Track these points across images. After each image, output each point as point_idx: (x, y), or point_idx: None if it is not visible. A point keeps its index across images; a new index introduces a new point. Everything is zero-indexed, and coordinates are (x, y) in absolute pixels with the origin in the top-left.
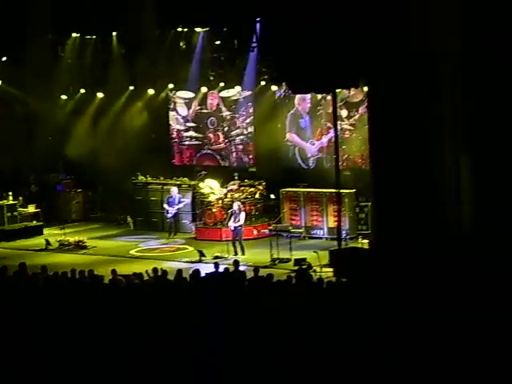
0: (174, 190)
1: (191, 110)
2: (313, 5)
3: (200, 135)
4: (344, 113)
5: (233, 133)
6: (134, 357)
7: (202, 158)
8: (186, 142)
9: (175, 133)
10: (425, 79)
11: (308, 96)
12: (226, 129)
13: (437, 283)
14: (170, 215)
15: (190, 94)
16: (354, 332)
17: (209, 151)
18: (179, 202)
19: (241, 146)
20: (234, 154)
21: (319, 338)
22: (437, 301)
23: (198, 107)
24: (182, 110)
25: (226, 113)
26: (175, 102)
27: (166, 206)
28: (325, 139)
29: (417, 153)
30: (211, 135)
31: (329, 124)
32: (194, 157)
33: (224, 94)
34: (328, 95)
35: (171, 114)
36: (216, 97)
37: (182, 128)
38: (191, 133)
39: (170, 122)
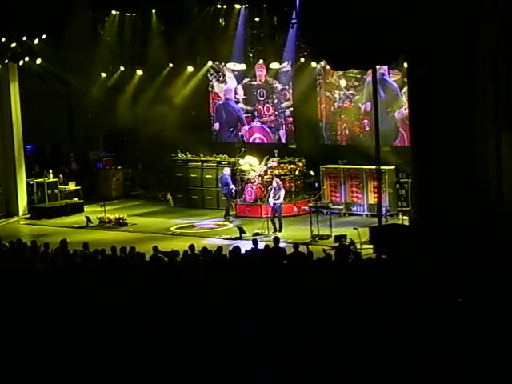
0: (227, 170)
1: (240, 82)
2: None
3: (250, 107)
4: (343, 83)
5: (283, 105)
6: (174, 332)
7: (252, 130)
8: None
9: None
10: (466, 55)
11: None
12: (275, 101)
13: (477, 259)
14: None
15: (240, 66)
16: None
17: (259, 123)
18: (227, 183)
19: (291, 118)
20: (284, 127)
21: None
22: (477, 277)
23: (247, 79)
24: (232, 82)
25: (275, 85)
26: (224, 74)
27: (232, 186)
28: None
29: (457, 129)
30: (261, 107)
31: (328, 93)
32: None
33: (274, 65)
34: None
35: (221, 85)
36: (265, 68)
37: (234, 100)
38: (241, 105)
39: (220, 94)
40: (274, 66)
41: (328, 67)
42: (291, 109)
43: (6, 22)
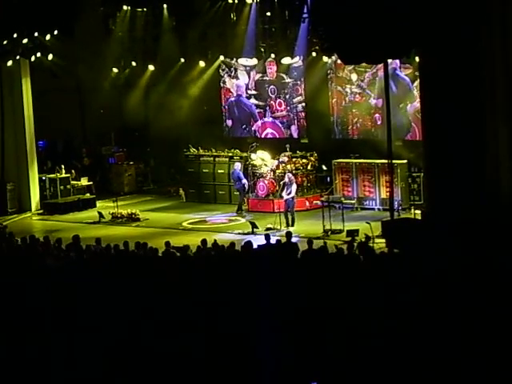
0: (238, 165)
1: (252, 78)
2: None
3: (262, 103)
4: (354, 77)
5: (295, 100)
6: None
7: (264, 125)
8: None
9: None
10: (478, 49)
11: None
12: (287, 96)
13: (490, 253)
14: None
15: (251, 62)
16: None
17: (271, 119)
18: (239, 178)
19: (303, 114)
20: (296, 122)
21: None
22: (491, 270)
23: (259, 75)
24: (244, 78)
25: (287, 80)
26: (236, 69)
27: (244, 180)
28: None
29: (469, 123)
30: (273, 102)
31: (339, 88)
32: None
33: (286, 61)
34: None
35: (232, 81)
36: (276, 64)
37: (245, 95)
38: (253, 100)
39: (232, 90)
40: (286, 61)
41: (339, 61)
42: (303, 104)
43: (18, 18)
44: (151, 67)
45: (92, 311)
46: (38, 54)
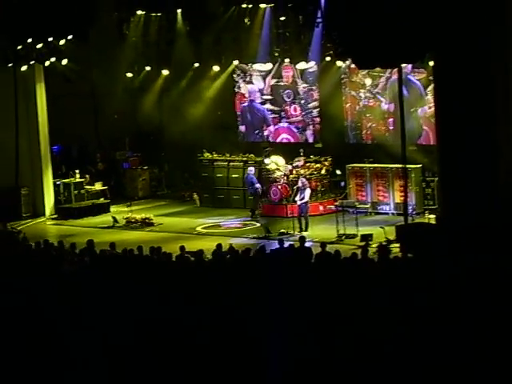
0: (251, 169)
1: (267, 83)
2: None
3: (277, 108)
4: (368, 81)
5: (310, 105)
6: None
7: (279, 131)
8: None
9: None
10: (493, 54)
11: None
12: (302, 101)
13: (504, 258)
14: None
15: (266, 67)
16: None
17: (286, 124)
18: (252, 183)
19: (318, 119)
20: (312, 127)
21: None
22: (505, 275)
23: (274, 80)
24: (258, 83)
25: (302, 85)
26: (251, 75)
27: (258, 185)
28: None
29: (483, 127)
30: (288, 108)
31: (353, 92)
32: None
33: (300, 66)
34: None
35: (247, 86)
36: (292, 69)
37: (259, 101)
38: (268, 105)
39: (246, 95)
40: (301, 65)
41: (353, 66)
42: (318, 109)
43: (32, 22)
44: (165, 72)
45: (105, 315)
46: (53, 59)
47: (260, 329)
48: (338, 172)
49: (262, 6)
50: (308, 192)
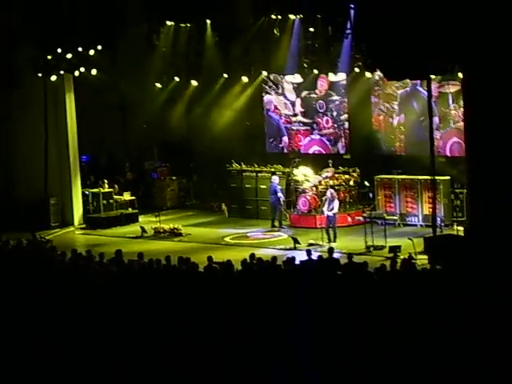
0: (275, 178)
1: (299, 96)
2: None
3: (309, 120)
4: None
5: (342, 117)
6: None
7: (311, 143)
8: (295, 128)
9: (283, 118)
10: None
11: None
12: (334, 113)
13: None
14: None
15: (298, 78)
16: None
17: (318, 136)
18: (275, 192)
19: (348, 131)
20: (343, 139)
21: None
22: None
23: (306, 92)
24: (291, 95)
25: (334, 97)
26: (283, 87)
27: (280, 194)
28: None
29: None
30: (320, 119)
31: (386, 104)
32: (303, 142)
33: (333, 77)
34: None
35: (279, 98)
36: (326, 80)
37: (290, 113)
38: (299, 117)
39: (278, 107)
40: (332, 77)
41: None
42: (348, 122)
43: (62, 33)
44: (194, 82)
45: (134, 324)
46: (82, 69)
47: (289, 339)
48: (367, 183)
49: (292, 17)
50: (337, 203)
